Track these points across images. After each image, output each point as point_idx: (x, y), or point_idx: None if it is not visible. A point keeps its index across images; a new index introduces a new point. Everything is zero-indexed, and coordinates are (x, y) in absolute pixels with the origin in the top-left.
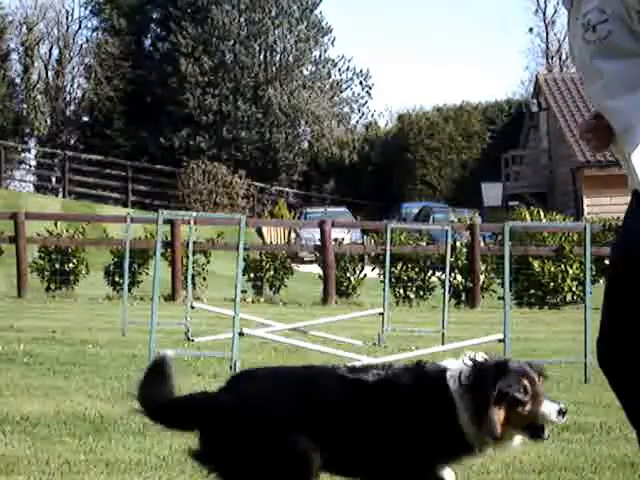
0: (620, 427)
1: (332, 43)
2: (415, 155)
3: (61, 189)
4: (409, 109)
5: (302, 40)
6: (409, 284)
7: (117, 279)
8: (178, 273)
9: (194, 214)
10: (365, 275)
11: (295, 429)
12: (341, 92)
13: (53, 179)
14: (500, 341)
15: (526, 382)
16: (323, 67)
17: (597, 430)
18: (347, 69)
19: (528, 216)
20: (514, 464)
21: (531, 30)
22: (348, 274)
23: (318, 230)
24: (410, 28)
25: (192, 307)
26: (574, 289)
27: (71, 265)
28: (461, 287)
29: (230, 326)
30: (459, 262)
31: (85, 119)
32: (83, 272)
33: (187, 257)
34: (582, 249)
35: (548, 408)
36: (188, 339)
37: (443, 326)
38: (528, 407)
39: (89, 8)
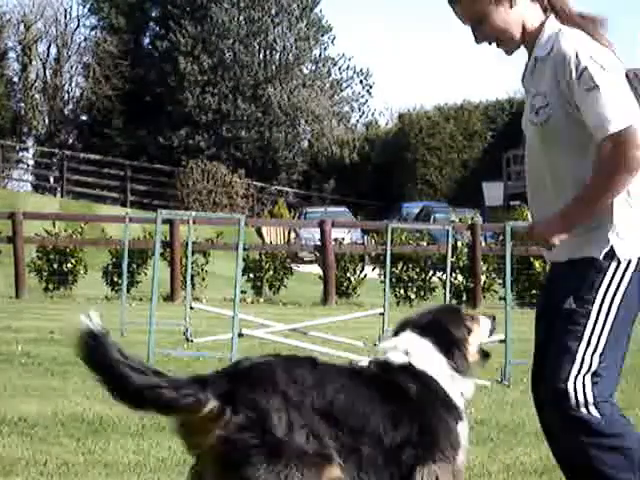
0: None
1: (332, 42)
2: (416, 154)
3: (59, 188)
4: (410, 108)
5: (302, 39)
6: (410, 284)
7: (116, 279)
8: (177, 273)
9: (193, 214)
10: (365, 275)
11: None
12: (341, 91)
13: (51, 178)
14: (501, 342)
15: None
16: (323, 66)
17: None
18: (347, 68)
19: (529, 216)
20: (515, 465)
21: None
22: (348, 274)
23: (318, 230)
24: (410, 26)
25: (191, 307)
26: None
27: (69, 265)
28: (462, 287)
29: (229, 327)
30: (460, 262)
31: (83, 118)
32: (81, 272)
33: (186, 257)
34: None
35: (485, 324)
36: (187, 340)
37: None
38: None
39: (87, 6)
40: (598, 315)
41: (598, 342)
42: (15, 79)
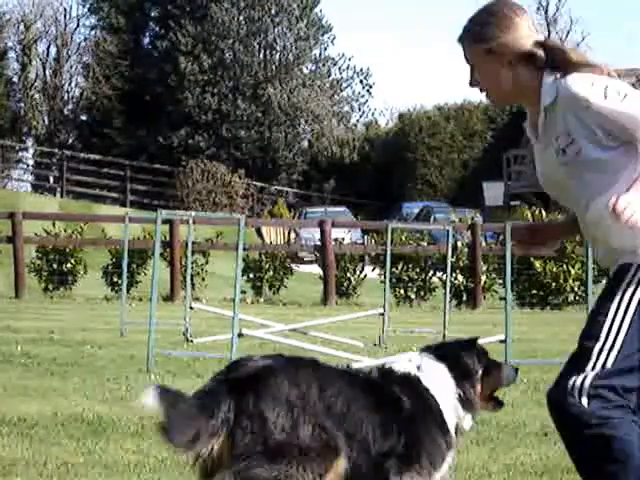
0: None
1: (332, 41)
2: (416, 154)
3: (59, 188)
4: (410, 108)
5: (302, 38)
6: (410, 284)
7: (115, 279)
8: (177, 273)
9: (193, 214)
10: (365, 275)
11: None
12: (341, 91)
13: (51, 178)
14: (501, 342)
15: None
16: (323, 65)
17: None
18: (347, 67)
19: (530, 216)
20: (516, 466)
21: None
22: (348, 274)
23: (318, 230)
24: (410, 26)
25: (191, 308)
26: (576, 289)
27: (69, 265)
28: (462, 287)
29: (229, 327)
30: (460, 262)
31: (83, 118)
32: (81, 272)
33: (186, 257)
34: (584, 249)
35: (508, 370)
36: (187, 340)
37: (444, 327)
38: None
39: (87, 6)
40: (616, 314)
41: (615, 341)
42: (15, 79)
